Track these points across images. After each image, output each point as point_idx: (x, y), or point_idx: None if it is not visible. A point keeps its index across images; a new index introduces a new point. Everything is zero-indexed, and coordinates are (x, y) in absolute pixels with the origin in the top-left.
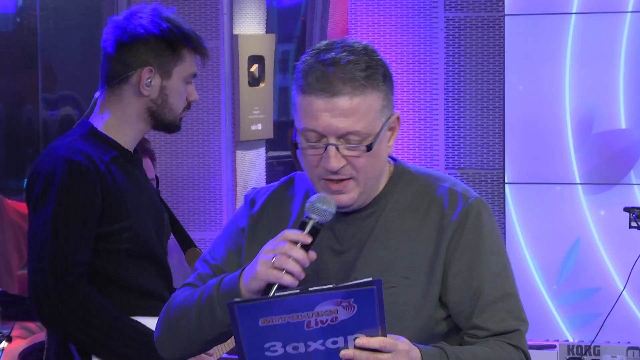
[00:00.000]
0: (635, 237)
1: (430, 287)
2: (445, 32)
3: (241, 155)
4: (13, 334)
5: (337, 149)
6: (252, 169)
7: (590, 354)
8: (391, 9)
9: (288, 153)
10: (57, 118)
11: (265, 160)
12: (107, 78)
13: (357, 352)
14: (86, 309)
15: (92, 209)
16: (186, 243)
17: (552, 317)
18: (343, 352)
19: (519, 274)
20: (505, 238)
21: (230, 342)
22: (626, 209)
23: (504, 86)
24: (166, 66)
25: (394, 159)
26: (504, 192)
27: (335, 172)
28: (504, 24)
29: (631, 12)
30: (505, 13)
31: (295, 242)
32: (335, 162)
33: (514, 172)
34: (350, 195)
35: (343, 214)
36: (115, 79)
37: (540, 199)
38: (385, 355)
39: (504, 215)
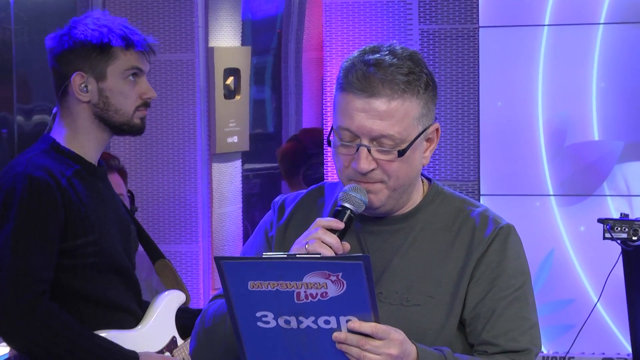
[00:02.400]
0: (609, 248)
1: (454, 307)
2: (419, 44)
3: (217, 168)
4: None
5: (369, 151)
6: (228, 181)
7: None
8: (366, 21)
9: (264, 165)
10: (32, 131)
11: (242, 172)
12: (55, 92)
13: (350, 335)
14: (47, 327)
15: (54, 225)
16: (155, 254)
17: None
18: (335, 335)
19: None
20: None
21: None
22: (600, 220)
23: (478, 98)
24: (98, 67)
25: (428, 179)
26: None
27: (365, 175)
28: (478, 36)
29: (603, 23)
30: (480, 25)
31: (329, 229)
32: (365, 163)
33: (489, 183)
34: (378, 197)
35: (372, 223)
36: (58, 90)
37: (514, 210)
38: (377, 342)
39: None
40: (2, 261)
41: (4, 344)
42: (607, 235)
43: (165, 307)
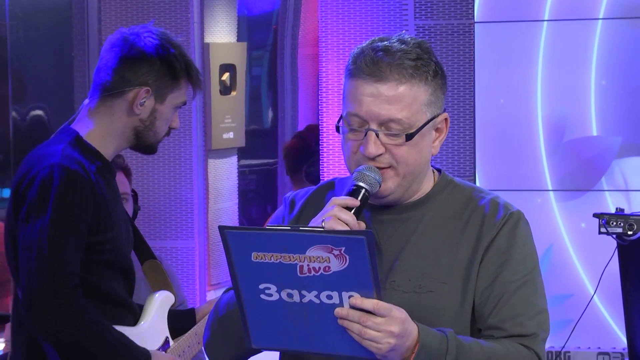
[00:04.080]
0: (606, 242)
1: (467, 293)
2: None
3: (213, 164)
4: None
5: (377, 135)
6: (224, 177)
7: None
8: (361, 18)
9: (260, 161)
10: (27, 126)
11: (237, 168)
12: (101, 87)
13: (351, 311)
14: (80, 320)
15: (86, 219)
16: (145, 255)
17: None
18: (337, 310)
19: None
20: None
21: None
22: (595, 215)
23: (474, 93)
24: (163, 90)
25: (439, 170)
26: None
27: (373, 159)
28: (474, 31)
29: (602, 19)
30: (476, 20)
31: (345, 207)
32: (373, 148)
33: (486, 179)
34: (388, 184)
35: (383, 212)
36: (110, 90)
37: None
38: (378, 319)
39: None
40: (40, 252)
41: (1, 339)
42: (603, 229)
43: (159, 307)
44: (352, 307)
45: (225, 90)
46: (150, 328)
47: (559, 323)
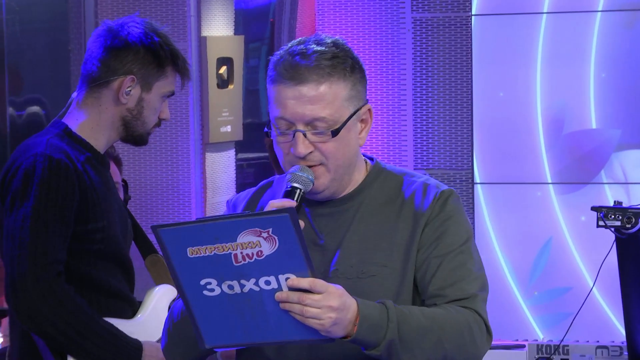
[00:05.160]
0: (605, 236)
1: (406, 272)
2: (412, 33)
3: (210, 158)
4: None
5: (305, 135)
6: (221, 171)
7: (559, 354)
8: (358, 11)
9: (258, 155)
10: (24, 120)
11: (235, 162)
12: (87, 78)
13: (290, 293)
14: (63, 307)
15: (71, 207)
16: (147, 249)
17: (524, 317)
18: (277, 294)
19: (490, 274)
20: (475, 238)
21: None
22: (593, 208)
23: (471, 86)
24: (149, 79)
25: (371, 159)
26: (472, 192)
27: (304, 158)
28: (471, 24)
29: (601, 11)
30: (473, 13)
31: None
32: (302, 147)
33: (484, 172)
34: (321, 181)
35: (320, 207)
36: (97, 81)
37: (511, 198)
38: (316, 296)
39: (473, 215)
40: (22, 240)
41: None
42: (601, 223)
43: (158, 300)
44: (290, 288)
45: (223, 83)
46: (147, 321)
47: (557, 316)
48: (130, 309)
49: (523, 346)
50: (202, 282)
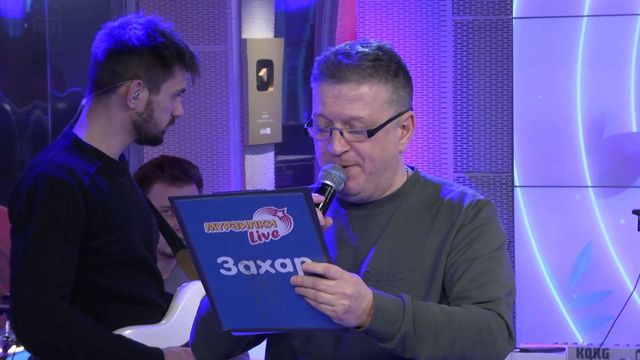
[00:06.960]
0: None
1: (435, 276)
2: (453, 36)
3: (250, 160)
4: None
5: (342, 134)
6: (261, 173)
7: (599, 357)
8: (399, 13)
9: (297, 157)
10: (66, 123)
11: (274, 164)
12: (94, 85)
13: (305, 277)
14: (66, 332)
15: (75, 227)
16: (176, 245)
17: (563, 320)
18: (292, 278)
19: (530, 277)
20: (514, 241)
21: None
22: (635, 212)
23: (512, 89)
24: (156, 81)
25: (412, 168)
26: (512, 195)
27: (339, 157)
28: (512, 27)
29: None
30: (514, 16)
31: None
32: (338, 145)
33: (524, 175)
34: (356, 182)
35: (357, 209)
36: (103, 87)
37: (551, 202)
38: (330, 282)
39: (513, 218)
40: (22, 267)
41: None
42: None
43: (188, 299)
44: (305, 273)
45: (263, 86)
46: (176, 323)
47: (597, 319)
48: (159, 312)
49: (563, 349)
50: (219, 260)
